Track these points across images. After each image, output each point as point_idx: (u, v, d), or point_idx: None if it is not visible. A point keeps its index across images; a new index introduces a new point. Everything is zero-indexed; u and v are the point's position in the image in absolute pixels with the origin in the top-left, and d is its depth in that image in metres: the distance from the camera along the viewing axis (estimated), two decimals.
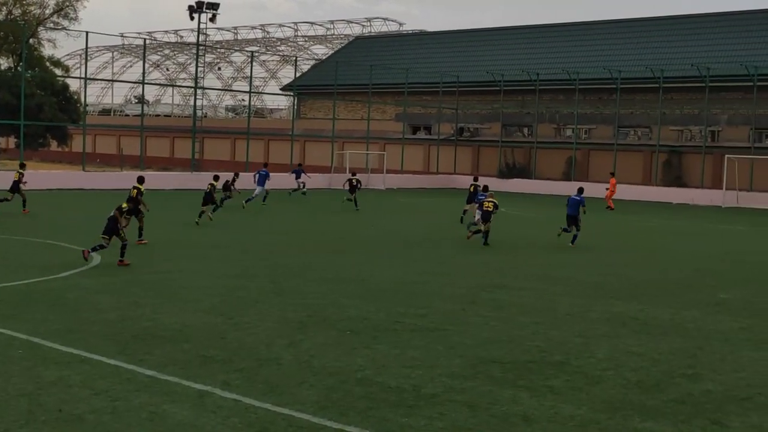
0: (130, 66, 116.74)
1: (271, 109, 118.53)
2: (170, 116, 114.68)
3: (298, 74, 76.96)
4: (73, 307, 13.63)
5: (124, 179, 48.12)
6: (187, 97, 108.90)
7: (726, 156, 52.10)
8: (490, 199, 25.81)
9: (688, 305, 15.87)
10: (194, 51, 71.32)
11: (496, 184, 62.66)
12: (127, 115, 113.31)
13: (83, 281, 16.11)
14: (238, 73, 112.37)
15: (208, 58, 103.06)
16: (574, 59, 65.92)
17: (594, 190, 56.76)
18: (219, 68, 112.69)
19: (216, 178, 30.14)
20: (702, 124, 58.11)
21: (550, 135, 66.46)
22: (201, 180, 48.85)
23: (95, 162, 79.22)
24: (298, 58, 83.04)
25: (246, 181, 38.06)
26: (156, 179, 46.86)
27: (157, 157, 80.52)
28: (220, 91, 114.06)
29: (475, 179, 36.16)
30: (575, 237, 25.40)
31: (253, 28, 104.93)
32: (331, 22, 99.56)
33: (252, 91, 67.37)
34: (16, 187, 29.64)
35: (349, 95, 73.88)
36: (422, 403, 9.16)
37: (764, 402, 9.64)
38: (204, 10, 58.32)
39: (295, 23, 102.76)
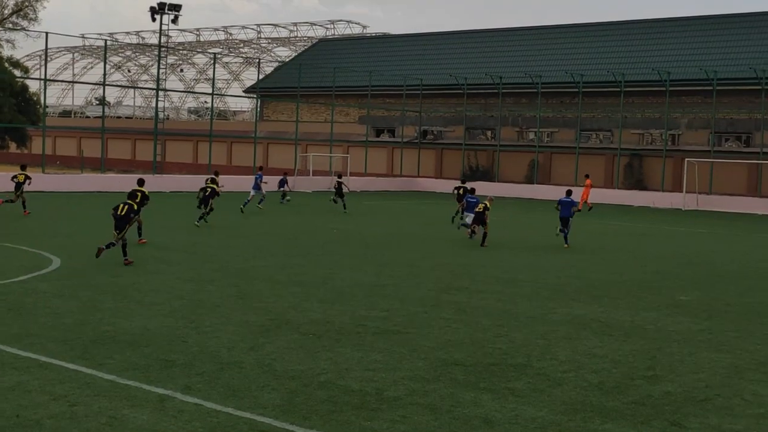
0: (91, 67, 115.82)
1: (234, 111, 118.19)
2: (132, 118, 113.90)
3: (261, 76, 76.73)
4: (31, 312, 13.46)
5: (84, 181, 47.75)
6: (149, 99, 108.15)
7: (686, 159, 52.73)
8: (484, 202, 26.83)
9: (648, 307, 16.02)
10: (156, 52, 70.88)
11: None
12: (87, 117, 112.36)
13: (41, 285, 15.92)
14: (201, 75, 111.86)
15: (171, 59, 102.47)
16: (537, 63, 66.38)
17: (556, 193, 57.28)
18: (181, 70, 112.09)
19: (213, 180, 30.23)
20: (662, 128, 58.78)
21: (513, 138, 66.83)
22: (164, 182, 48.67)
23: (55, 164, 78.43)
24: (261, 60, 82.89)
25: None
26: (117, 182, 46.50)
27: (118, 159, 79.94)
28: (182, 93, 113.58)
29: (463, 182, 36.92)
30: (566, 235, 26.51)
31: (216, 29, 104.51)
32: (295, 24, 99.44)
33: (215, 93, 67.02)
34: (18, 188, 30.34)
35: (313, 98, 73.83)
36: (385, 407, 9.16)
37: (722, 403, 9.75)
38: (166, 11, 57.96)
39: (258, 25, 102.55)
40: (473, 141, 68.81)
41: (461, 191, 34.34)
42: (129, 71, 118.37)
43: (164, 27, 59.80)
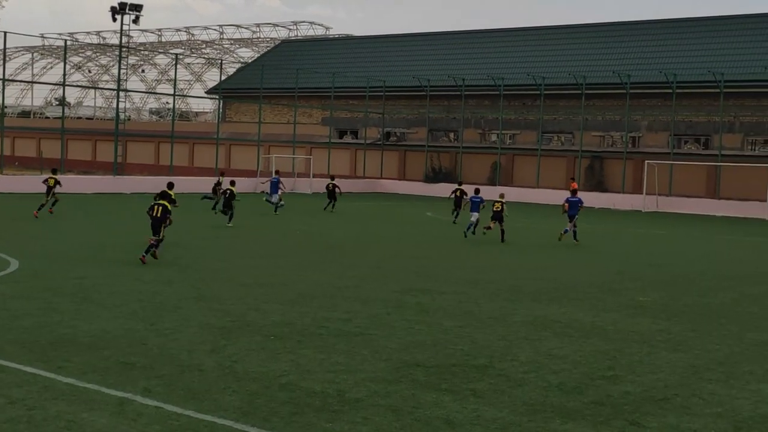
0: (51, 67, 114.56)
1: (196, 113, 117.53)
2: (92, 119, 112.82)
3: (223, 77, 76.39)
4: None
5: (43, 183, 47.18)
6: (110, 100, 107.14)
7: (646, 161, 53.28)
8: (500, 200, 28.79)
9: (609, 308, 16.15)
10: (117, 53, 70.26)
11: (422, 188, 63.25)
12: (47, 118, 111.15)
13: None
14: (163, 76, 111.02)
15: (132, 60, 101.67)
16: (499, 65, 66.71)
17: (518, 195, 57.63)
18: (143, 70, 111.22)
19: (233, 183, 31.51)
20: (623, 130, 59.34)
21: (476, 140, 67.11)
22: (124, 184, 48.27)
23: (13, 165, 77.41)
24: (224, 61, 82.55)
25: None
26: (77, 183, 46.03)
27: (78, 160, 79.08)
28: (143, 94, 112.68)
29: (460, 184, 38.11)
30: (575, 232, 28.55)
31: (178, 30, 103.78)
32: (257, 25, 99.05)
33: (176, 93, 66.60)
34: (49, 191, 31.54)
35: (276, 99, 73.59)
36: (346, 408, 9.14)
37: (681, 402, 9.85)
38: (127, 11, 57.49)
39: (221, 26, 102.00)
40: (436, 143, 69.01)
41: (458, 193, 36.08)
42: (89, 71, 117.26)
43: (125, 27, 59.35)
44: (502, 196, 29.54)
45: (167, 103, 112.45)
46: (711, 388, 10.50)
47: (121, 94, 61.70)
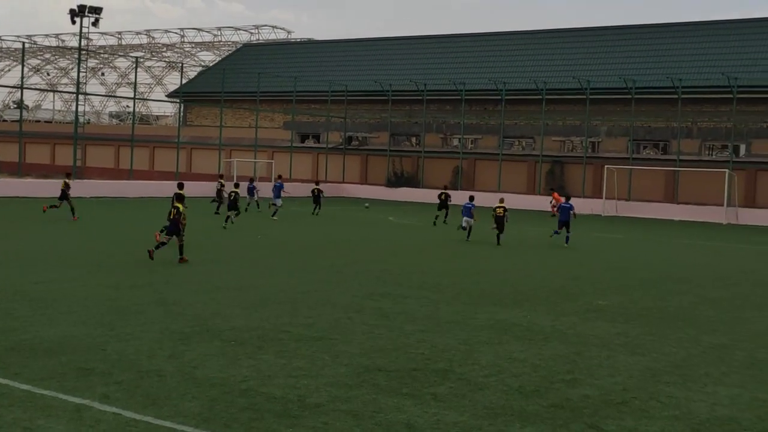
0: (8, 70, 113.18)
1: (156, 116, 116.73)
2: (51, 122, 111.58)
3: (184, 81, 75.95)
4: None
5: (1, 186, 46.57)
6: (69, 103, 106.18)
7: (605, 166, 53.80)
8: (501, 205, 30.39)
9: (568, 312, 16.27)
10: (76, 55, 69.57)
11: (384, 193, 63.33)
12: (5, 121, 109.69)
13: None
14: (123, 79, 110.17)
15: (91, 63, 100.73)
16: (460, 70, 67.00)
17: (480, 199, 57.83)
18: (102, 74, 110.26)
19: (237, 185, 34.23)
20: (583, 135, 59.85)
21: (437, 144, 67.33)
22: (83, 188, 47.77)
23: None
24: (185, 65, 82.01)
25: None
26: (35, 187, 45.51)
27: (36, 164, 78.11)
28: (103, 97, 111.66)
29: (445, 187, 40.85)
30: (568, 237, 30.13)
31: (138, 33, 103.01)
32: (219, 28, 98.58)
33: (137, 97, 66.06)
34: (64, 196, 32.29)
35: (237, 103, 73.33)
36: (307, 413, 9.13)
37: (639, 405, 9.95)
38: (86, 14, 56.96)
39: (182, 29, 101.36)
40: (398, 147, 69.12)
41: (443, 196, 38.36)
42: (48, 74, 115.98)
43: (85, 30, 58.79)
44: (502, 201, 31.15)
45: (127, 106, 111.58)
46: (668, 391, 10.62)
47: (81, 97, 61.10)
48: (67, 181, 33.17)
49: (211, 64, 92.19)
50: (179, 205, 21.24)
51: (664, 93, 56.70)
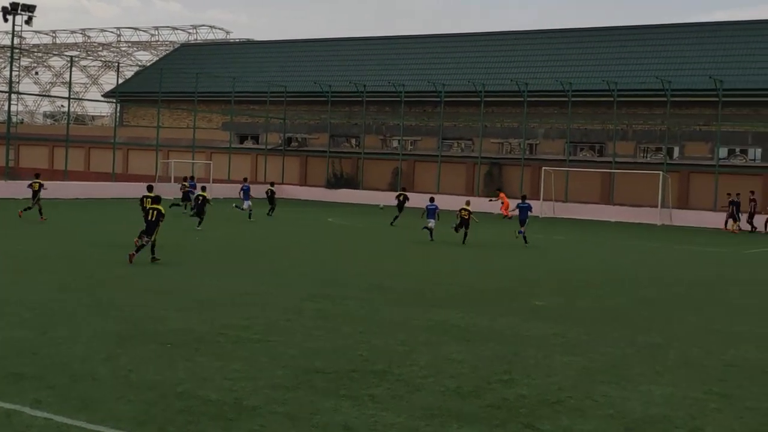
0: None
1: (92, 116, 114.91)
2: None
3: (121, 80, 74.96)
4: None
5: None
6: (1, 102, 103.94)
7: (543, 168, 54.37)
8: (467, 208, 31.10)
9: (506, 312, 16.40)
10: (8, 54, 68.19)
11: (323, 194, 63.20)
12: None
13: None
14: (57, 78, 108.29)
15: (24, 62, 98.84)
16: (399, 72, 67.18)
17: (419, 200, 58.04)
18: (36, 73, 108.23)
19: (204, 188, 33.32)
20: (521, 137, 60.41)
21: (377, 146, 67.41)
22: (17, 188, 46.79)
23: None
24: (121, 64, 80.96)
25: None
26: None
27: None
28: (37, 97, 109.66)
29: (404, 189, 42.34)
30: (524, 236, 31.36)
31: (73, 32, 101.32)
32: (156, 28, 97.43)
33: (72, 97, 64.99)
34: (36, 197, 32.65)
35: (175, 103, 72.59)
36: (243, 416, 9.05)
37: (574, 405, 10.06)
38: (19, 11, 55.87)
39: (118, 28, 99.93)
40: (337, 148, 69.03)
41: (401, 198, 39.52)
42: None
43: (17, 28, 57.64)
44: (468, 203, 31.77)
45: (62, 106, 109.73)
46: (603, 390, 10.75)
47: (13, 96, 59.90)
48: (38, 181, 33.37)
49: (148, 64, 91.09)
50: (160, 207, 21.58)
51: (600, 96, 57.51)
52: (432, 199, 33.07)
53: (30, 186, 33.37)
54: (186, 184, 41.12)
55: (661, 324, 15.85)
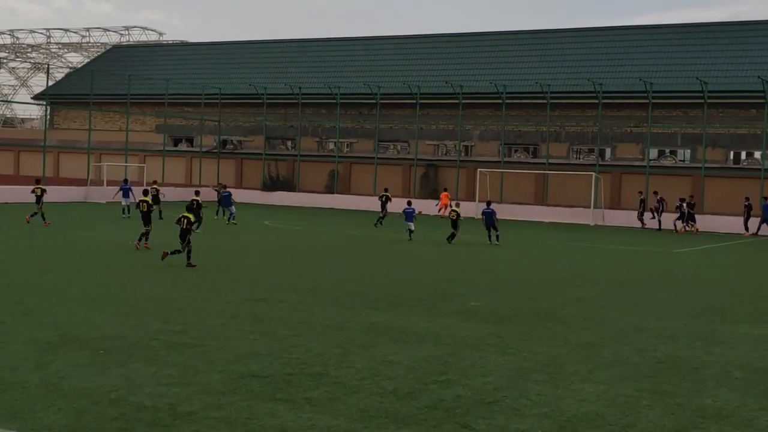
0: None
1: (21, 119, 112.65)
2: None
3: (51, 83, 73.63)
4: None
5: None
6: None
7: (478, 169, 54.77)
8: (456, 209, 33.39)
9: (442, 313, 16.48)
10: None
11: (259, 197, 62.83)
12: None
13: None
14: None
15: None
16: (335, 74, 67.16)
17: (355, 202, 58.15)
18: None
19: (197, 193, 32.75)
20: (456, 139, 60.82)
21: (313, 148, 67.29)
22: None
23: None
24: (51, 66, 79.56)
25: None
26: None
27: None
28: None
29: (386, 190, 43.91)
30: (498, 236, 33.12)
31: (1, 33, 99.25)
32: (87, 29, 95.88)
33: (0, 99, 63.59)
34: (39, 202, 33.83)
35: (107, 105, 71.59)
36: (178, 422, 8.95)
37: (509, 404, 10.14)
38: None
39: (48, 30, 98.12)
40: (273, 151, 68.71)
41: (383, 199, 41.50)
42: None
43: None
44: (458, 205, 34.27)
45: None
46: (538, 389, 10.87)
47: None
48: (40, 187, 34.55)
49: (79, 66, 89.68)
50: (190, 216, 23.19)
51: (533, 98, 58.18)
52: (410, 203, 35.37)
53: (33, 192, 34.56)
54: (156, 188, 40.09)
55: (594, 323, 16.08)
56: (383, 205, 41.39)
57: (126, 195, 40.65)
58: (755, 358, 13.34)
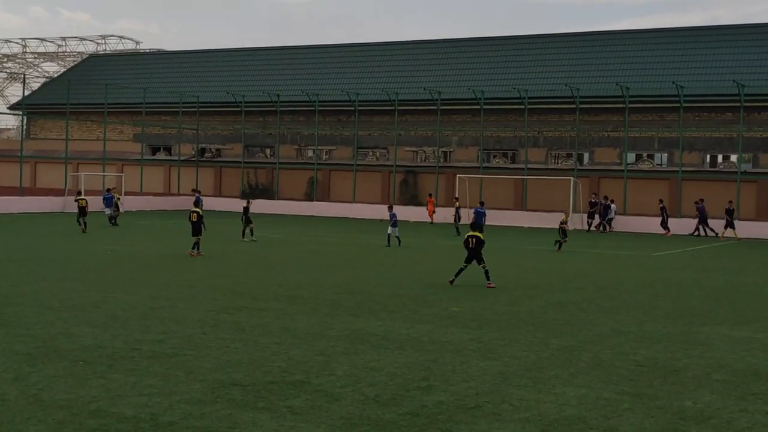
0: None
1: None
2: None
3: (27, 92, 73.21)
4: None
5: None
6: None
7: (457, 175, 54.90)
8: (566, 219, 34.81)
9: (423, 319, 16.48)
10: None
11: (239, 205, 62.58)
12: None
13: None
14: None
15: None
16: (313, 81, 67.18)
17: (335, 209, 58.13)
18: None
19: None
20: (435, 145, 60.94)
21: (292, 156, 67.24)
22: None
23: None
24: (28, 76, 79.11)
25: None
26: None
27: None
28: None
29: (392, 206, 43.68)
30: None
31: None
32: (63, 39, 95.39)
33: None
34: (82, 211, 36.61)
35: (84, 115, 71.30)
36: None
37: (491, 409, 10.16)
38: None
39: (24, 39, 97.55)
40: (252, 159, 68.62)
41: (457, 205, 44.72)
42: None
43: None
44: (567, 215, 35.57)
45: None
46: (519, 394, 10.89)
47: None
48: (83, 197, 37.40)
49: (55, 75, 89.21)
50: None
51: (511, 103, 58.39)
52: (391, 207, 35.35)
53: (76, 201, 37.58)
54: (118, 195, 40.77)
55: (574, 327, 16.14)
56: (458, 213, 43.81)
57: (108, 204, 41.00)
58: (734, 360, 13.43)
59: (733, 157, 54.30)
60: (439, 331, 15.27)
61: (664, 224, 47.64)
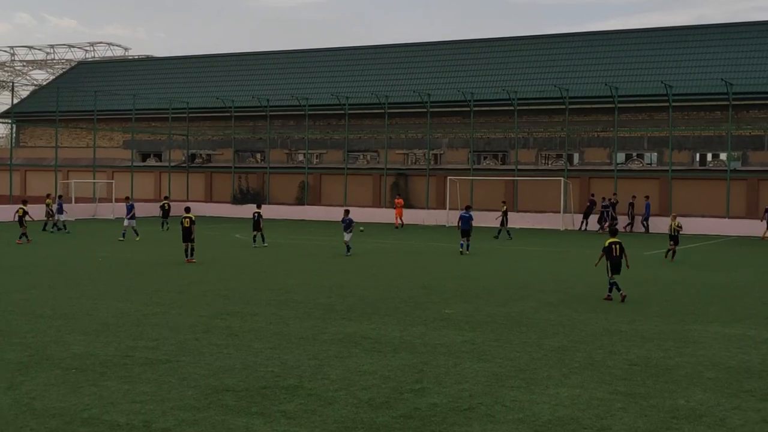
0: None
1: None
2: None
3: (16, 100, 73.02)
4: None
5: None
6: None
7: (448, 177, 54.93)
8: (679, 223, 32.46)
9: (416, 322, 16.49)
10: None
11: (229, 210, 62.62)
12: None
13: None
14: None
15: None
16: (303, 85, 67.13)
17: (326, 213, 58.11)
18: None
19: (188, 209, 31.04)
20: (425, 148, 60.94)
21: (283, 160, 67.17)
22: None
23: None
24: (16, 84, 78.91)
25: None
26: None
27: None
28: None
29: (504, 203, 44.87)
30: (468, 245, 32.89)
31: None
32: (51, 46, 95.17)
33: None
34: (21, 222, 35.34)
35: (74, 122, 71.11)
36: None
37: (485, 411, 10.17)
38: None
39: (12, 47, 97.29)
40: (243, 164, 68.54)
41: (504, 209, 43.12)
42: None
43: None
44: (674, 218, 32.74)
45: None
46: (513, 395, 10.91)
47: None
48: (23, 207, 36.27)
49: (44, 83, 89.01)
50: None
51: (501, 105, 58.45)
52: (347, 212, 33.03)
53: (16, 212, 36.24)
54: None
55: (566, 327, 16.17)
56: (505, 217, 42.69)
57: (60, 211, 42.00)
58: (726, 358, 13.48)
59: (723, 156, 54.44)
60: (431, 333, 15.28)
61: (601, 221, 49.34)
